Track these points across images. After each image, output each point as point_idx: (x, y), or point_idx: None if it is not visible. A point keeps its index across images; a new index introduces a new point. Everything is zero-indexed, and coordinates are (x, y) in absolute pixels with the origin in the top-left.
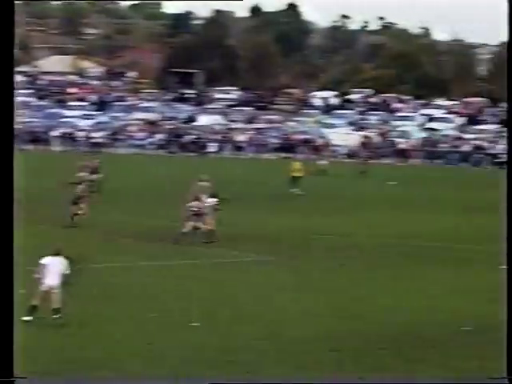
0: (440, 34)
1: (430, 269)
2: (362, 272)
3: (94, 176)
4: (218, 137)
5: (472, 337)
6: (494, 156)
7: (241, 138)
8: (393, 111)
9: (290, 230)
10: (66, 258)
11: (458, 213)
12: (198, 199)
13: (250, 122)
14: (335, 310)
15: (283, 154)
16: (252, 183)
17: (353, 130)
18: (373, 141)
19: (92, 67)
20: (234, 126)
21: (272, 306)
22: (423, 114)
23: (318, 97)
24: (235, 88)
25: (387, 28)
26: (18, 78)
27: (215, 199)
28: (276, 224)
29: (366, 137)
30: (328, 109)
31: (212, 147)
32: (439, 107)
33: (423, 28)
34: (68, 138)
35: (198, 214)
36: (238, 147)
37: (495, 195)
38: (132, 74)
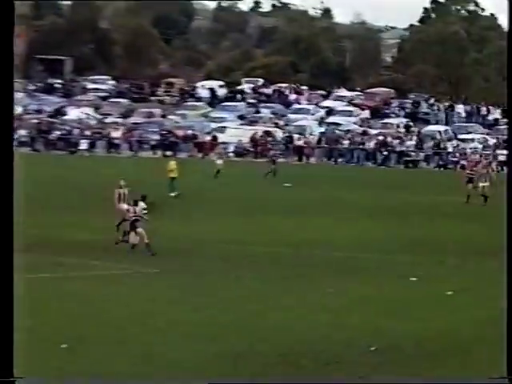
0: (341, 17)
1: (332, 281)
2: (254, 285)
3: None
4: (91, 132)
5: (377, 356)
6: (402, 153)
7: (116, 133)
8: (288, 103)
9: (176, 238)
10: None
11: (361, 218)
12: (136, 204)
13: (126, 115)
14: (223, 329)
15: (164, 152)
16: (129, 185)
17: (243, 125)
18: (267, 137)
19: None
20: (108, 120)
21: (153, 324)
22: (323, 107)
23: (204, 87)
24: (109, 77)
25: (281, 9)
26: None
27: (143, 204)
28: (160, 231)
29: (263, 132)
30: (215, 101)
31: (83, 144)
32: (340, 99)
33: (322, 10)
34: None
35: (137, 221)
36: (113, 144)
37: (402, 197)
38: None
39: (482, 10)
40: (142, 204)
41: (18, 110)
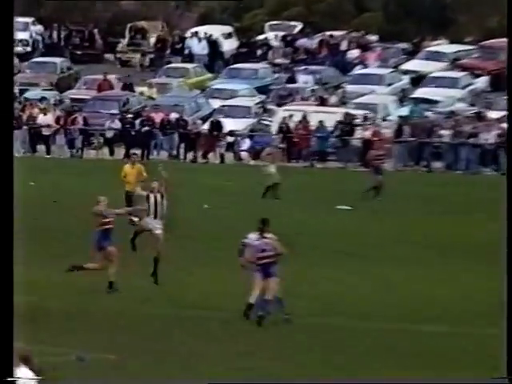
0: None
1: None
2: None
3: None
4: None
5: None
6: None
7: (45, 118)
8: (346, 65)
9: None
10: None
11: (481, 267)
12: (263, 233)
13: (62, 87)
14: None
15: (129, 151)
16: (65, 209)
17: (267, 103)
18: (309, 124)
19: None
20: (31, 94)
21: None
22: (406, 71)
23: (199, 37)
24: (32, 19)
25: None
26: None
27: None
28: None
29: (302, 117)
30: (218, 61)
31: None
32: (437, 57)
33: None
34: None
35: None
36: (40, 137)
37: None
38: None
39: None
40: (270, 235)
41: None
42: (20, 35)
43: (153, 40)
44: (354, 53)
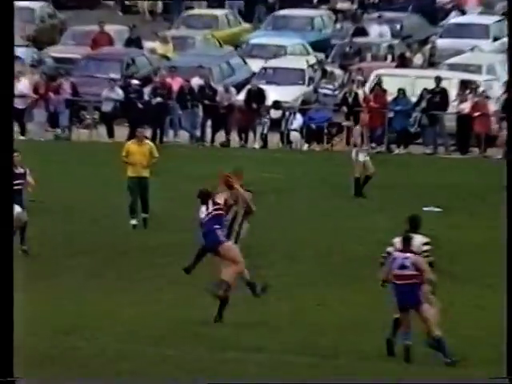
0: None
1: None
2: None
3: None
4: None
5: None
6: None
7: (19, 85)
8: (435, 12)
9: None
10: None
11: None
12: (408, 241)
13: (41, 42)
14: None
15: (137, 130)
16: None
17: (327, 64)
18: (385, 94)
19: None
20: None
21: None
22: None
23: None
24: None
25: None
26: None
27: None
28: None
29: (376, 83)
30: (259, 4)
31: None
32: None
33: None
34: None
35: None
36: (13, 111)
37: None
38: None
39: None
40: (419, 239)
41: None
42: None
43: None
44: None
